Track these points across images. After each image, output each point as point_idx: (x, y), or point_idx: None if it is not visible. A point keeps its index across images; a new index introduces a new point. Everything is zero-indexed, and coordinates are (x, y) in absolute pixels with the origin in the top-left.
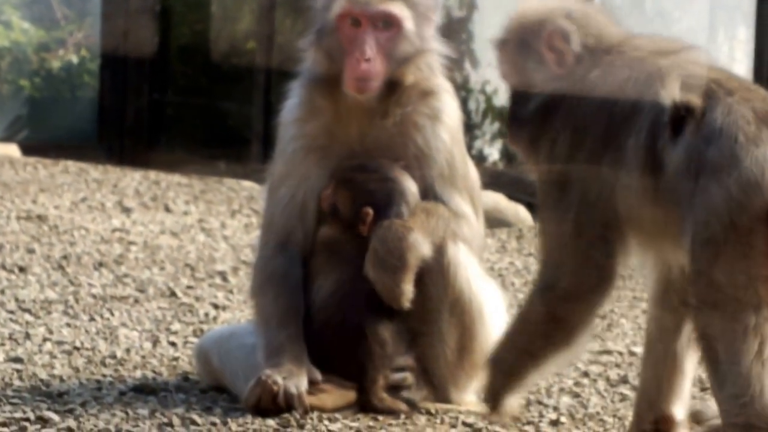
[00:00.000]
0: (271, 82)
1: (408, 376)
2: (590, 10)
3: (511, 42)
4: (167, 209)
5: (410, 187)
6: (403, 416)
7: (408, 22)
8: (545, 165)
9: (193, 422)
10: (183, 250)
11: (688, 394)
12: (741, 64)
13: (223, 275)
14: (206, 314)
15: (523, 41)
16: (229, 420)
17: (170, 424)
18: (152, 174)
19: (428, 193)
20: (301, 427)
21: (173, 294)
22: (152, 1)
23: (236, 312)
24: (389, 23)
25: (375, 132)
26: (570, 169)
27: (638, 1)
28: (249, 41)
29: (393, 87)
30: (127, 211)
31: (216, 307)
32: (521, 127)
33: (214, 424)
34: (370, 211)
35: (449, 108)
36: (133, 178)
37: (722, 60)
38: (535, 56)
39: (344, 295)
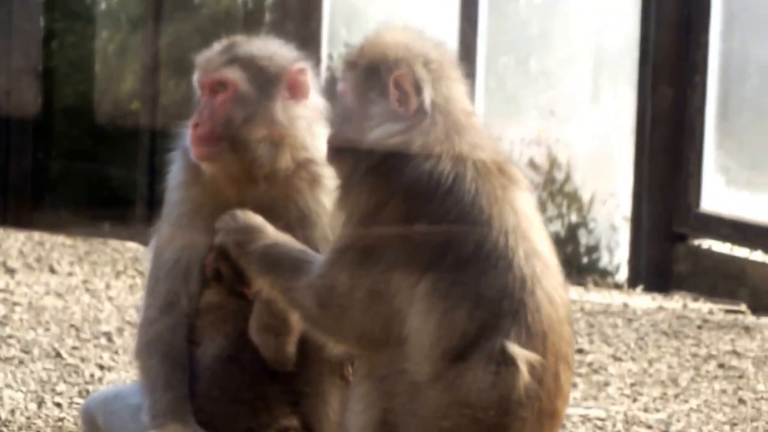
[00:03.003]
0: (156, 144)
1: None
2: (449, 69)
3: (361, 65)
4: (52, 270)
5: None
6: None
7: (242, 84)
8: (353, 211)
9: None
10: (68, 311)
11: None
12: (624, 125)
13: (108, 336)
14: (92, 375)
15: (375, 70)
16: None
17: None
18: (36, 235)
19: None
20: None
21: (58, 355)
22: (35, 60)
23: (122, 372)
24: (224, 86)
25: (257, 196)
26: (373, 229)
27: (523, 60)
28: (133, 102)
29: (250, 149)
30: (11, 271)
31: (101, 367)
32: (341, 157)
33: None
34: None
35: (330, 172)
36: (17, 239)
37: (605, 120)
38: (380, 88)
39: (228, 358)
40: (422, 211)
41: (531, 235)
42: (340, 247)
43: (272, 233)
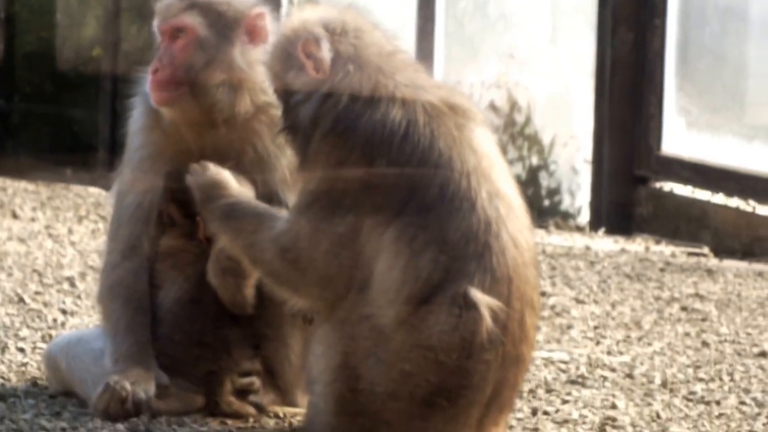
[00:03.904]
0: (118, 89)
1: (255, 380)
2: (356, 22)
3: (275, 53)
4: (14, 215)
5: None
6: (251, 420)
7: (201, 30)
8: (314, 173)
9: (42, 428)
10: (30, 256)
11: None
12: (584, 68)
13: (71, 281)
14: (54, 320)
15: (284, 51)
16: (78, 425)
17: (19, 430)
18: None
19: (272, 198)
20: (150, 431)
21: (21, 300)
22: None
23: (84, 317)
24: (183, 32)
25: (216, 140)
26: (336, 183)
27: (482, 4)
28: (95, 48)
29: (209, 94)
30: None
31: (64, 312)
32: (293, 135)
33: (63, 429)
34: (201, 219)
35: None
36: None
37: (566, 62)
38: (296, 64)
39: (189, 302)
40: (381, 162)
41: (493, 175)
42: (303, 204)
43: (237, 191)
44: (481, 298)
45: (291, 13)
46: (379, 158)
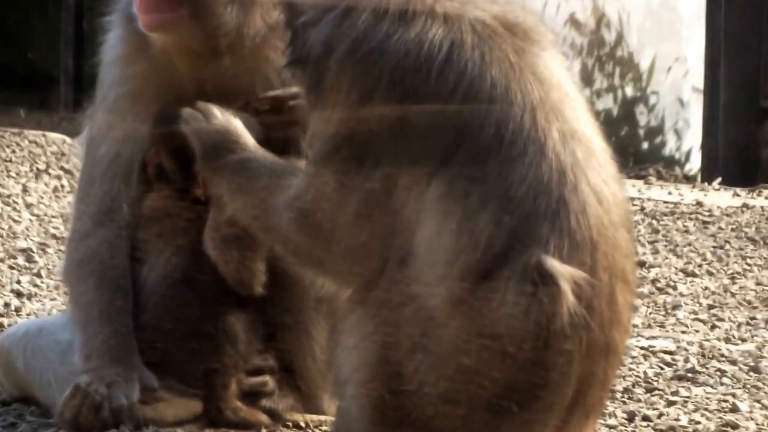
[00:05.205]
0: (83, 5)
1: (268, 381)
2: None
3: None
4: None
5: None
6: (263, 430)
7: None
8: (332, 114)
9: None
10: None
11: None
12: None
13: (27, 254)
14: (7, 304)
15: None
16: None
17: None
18: None
19: (289, 148)
20: None
21: None
22: None
23: (46, 301)
24: None
25: (217, 73)
26: (361, 125)
27: None
28: None
29: (215, 14)
30: None
31: (19, 295)
32: (303, 69)
33: None
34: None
35: None
36: None
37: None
38: None
39: (181, 280)
40: (418, 94)
41: (565, 110)
42: (321, 155)
43: (252, 143)
44: (560, 268)
45: None
46: (414, 89)
